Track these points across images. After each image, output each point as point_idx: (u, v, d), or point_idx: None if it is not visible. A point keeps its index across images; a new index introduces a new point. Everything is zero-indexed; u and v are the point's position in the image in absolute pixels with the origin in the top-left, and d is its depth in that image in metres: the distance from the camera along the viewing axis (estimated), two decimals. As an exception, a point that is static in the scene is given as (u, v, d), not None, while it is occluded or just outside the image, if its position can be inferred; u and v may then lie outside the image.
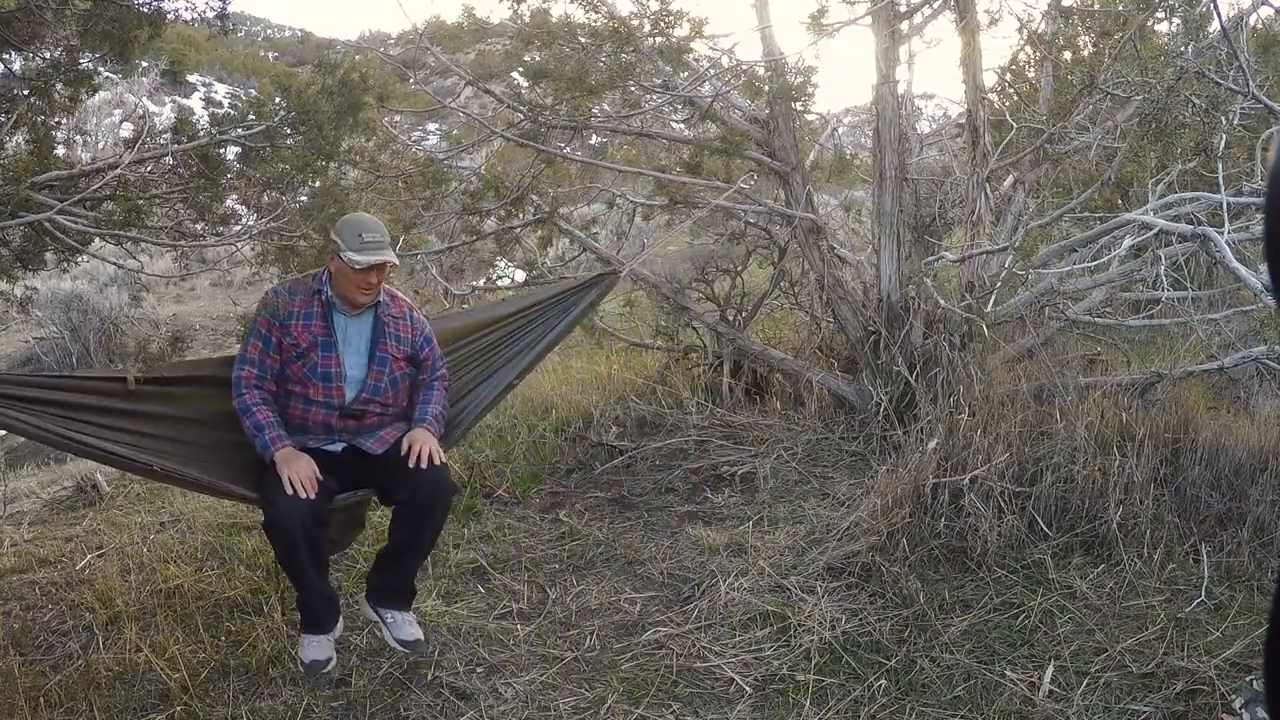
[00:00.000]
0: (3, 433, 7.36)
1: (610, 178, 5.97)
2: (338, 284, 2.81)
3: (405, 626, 2.80)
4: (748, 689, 2.71)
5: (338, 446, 2.84)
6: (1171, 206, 3.82)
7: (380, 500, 2.93)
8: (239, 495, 2.80)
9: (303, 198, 4.03)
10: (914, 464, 3.54)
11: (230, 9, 3.80)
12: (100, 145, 10.33)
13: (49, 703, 2.68)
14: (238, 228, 3.93)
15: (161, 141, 3.86)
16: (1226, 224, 3.59)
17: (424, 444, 2.73)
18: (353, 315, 2.85)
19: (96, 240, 4.00)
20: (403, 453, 2.73)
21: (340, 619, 2.86)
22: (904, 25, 4.55)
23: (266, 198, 3.93)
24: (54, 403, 2.50)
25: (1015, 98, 5.43)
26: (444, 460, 2.79)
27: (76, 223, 3.52)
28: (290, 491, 2.55)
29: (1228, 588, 3.14)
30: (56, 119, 3.80)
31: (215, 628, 3.07)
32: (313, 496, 2.57)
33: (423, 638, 2.82)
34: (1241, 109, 4.27)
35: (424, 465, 2.69)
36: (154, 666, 2.82)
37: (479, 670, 2.85)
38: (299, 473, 2.59)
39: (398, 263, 2.89)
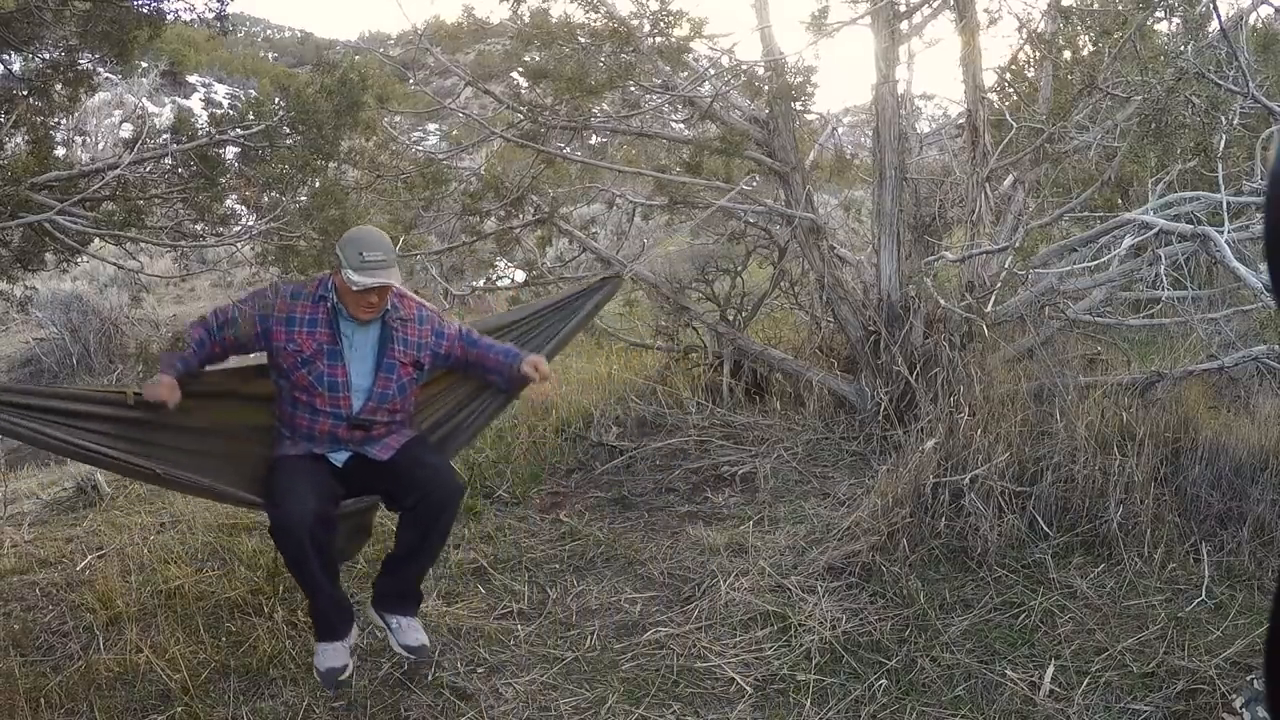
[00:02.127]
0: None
1: (610, 178, 5.97)
2: (342, 295, 2.72)
3: (411, 632, 2.78)
4: (748, 689, 2.71)
5: (344, 455, 2.80)
6: (1171, 206, 3.82)
7: (387, 506, 2.91)
8: (245, 501, 2.78)
9: (302, 198, 4.03)
10: (914, 463, 3.54)
11: (230, 9, 3.80)
12: (100, 146, 10.33)
13: (50, 704, 2.68)
14: (237, 228, 3.93)
15: (161, 142, 3.86)
16: (1226, 223, 3.59)
17: (538, 360, 2.92)
18: (360, 322, 2.76)
19: (96, 240, 4.00)
20: (523, 371, 2.89)
21: (355, 625, 2.81)
22: (904, 25, 4.55)
23: (266, 198, 3.92)
24: (56, 410, 2.49)
25: (1015, 97, 5.43)
26: (451, 462, 2.81)
27: (76, 223, 3.52)
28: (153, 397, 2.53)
29: (1228, 587, 3.14)
30: (56, 119, 3.81)
31: (216, 628, 3.07)
32: (167, 402, 2.53)
33: (428, 643, 2.80)
34: (1241, 109, 4.27)
35: (536, 376, 2.88)
36: (154, 667, 2.82)
37: (479, 670, 2.85)
38: (155, 392, 2.52)
39: (399, 284, 2.77)
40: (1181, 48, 4.04)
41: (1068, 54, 5.34)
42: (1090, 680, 2.66)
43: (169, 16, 3.79)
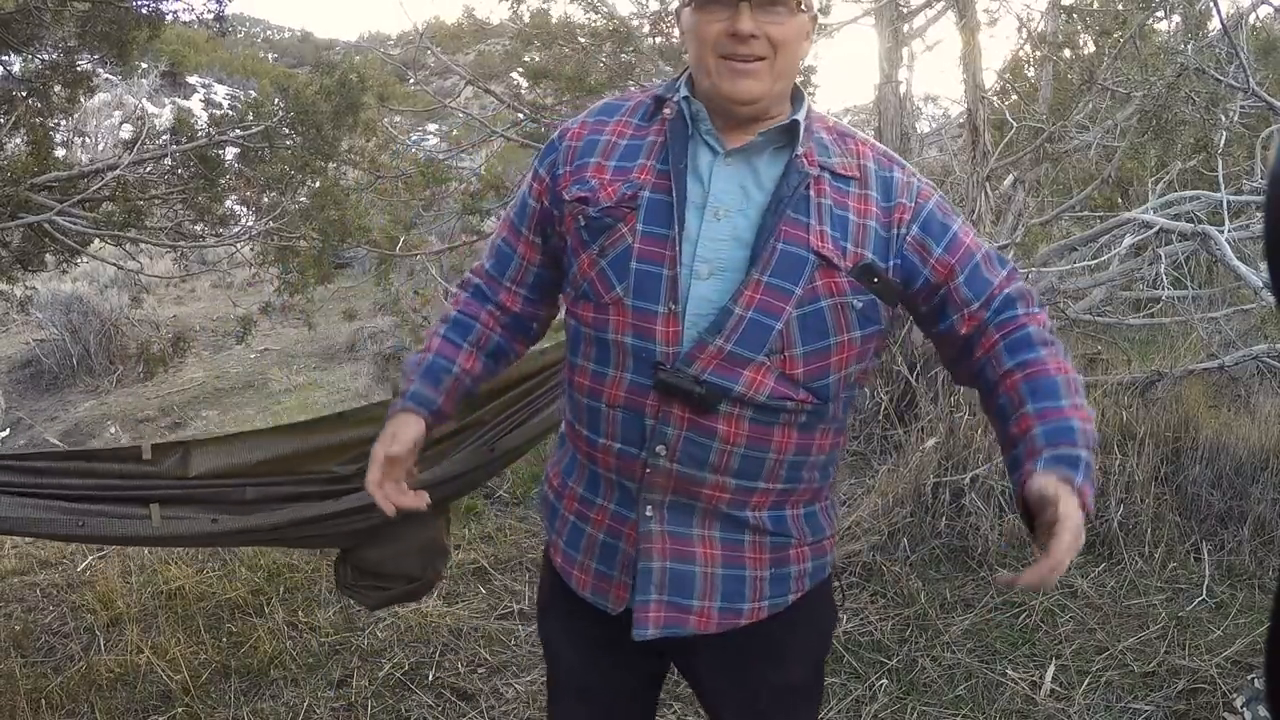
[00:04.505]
0: (5, 433, 7.36)
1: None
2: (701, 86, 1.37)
3: None
4: (749, 689, 2.71)
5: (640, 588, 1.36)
6: (1172, 205, 3.83)
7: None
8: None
9: (302, 198, 4.03)
10: (914, 463, 3.54)
11: (229, 9, 3.81)
12: (100, 147, 10.34)
13: (50, 705, 2.68)
14: (237, 228, 3.93)
15: (161, 142, 3.86)
16: (1227, 222, 3.59)
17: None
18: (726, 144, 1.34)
19: (96, 241, 4.00)
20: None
21: None
22: (906, 27, 4.55)
23: (266, 198, 3.93)
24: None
25: (1015, 97, 5.43)
26: None
27: (76, 224, 3.52)
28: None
29: (1229, 586, 3.14)
30: (56, 120, 3.81)
31: (216, 629, 3.07)
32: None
33: None
34: (1241, 107, 4.27)
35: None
36: (155, 668, 2.82)
37: (480, 671, 2.85)
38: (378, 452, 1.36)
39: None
40: (1182, 45, 4.04)
41: (1068, 53, 5.34)
42: (1091, 680, 2.66)
43: (168, 17, 3.79)
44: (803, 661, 1.48)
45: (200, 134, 3.76)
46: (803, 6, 1.24)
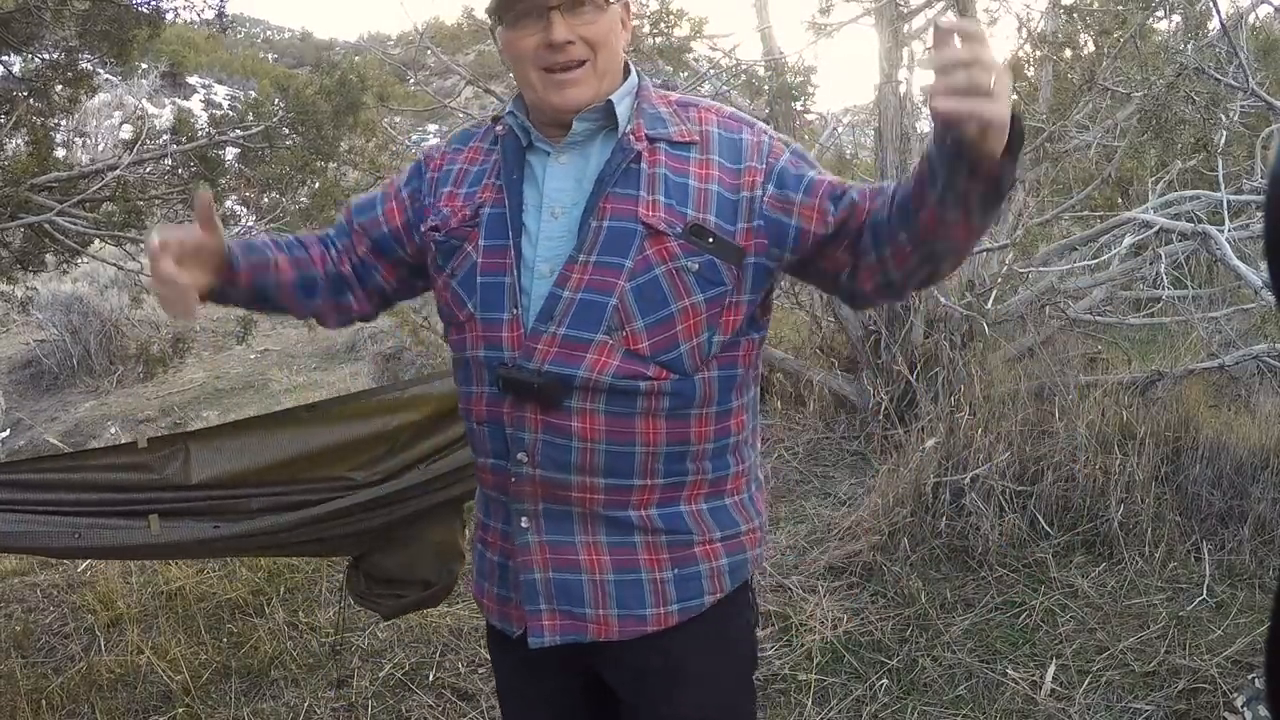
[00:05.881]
0: (5, 434, 7.36)
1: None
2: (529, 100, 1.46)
3: None
4: (749, 689, 2.71)
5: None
6: (1172, 204, 3.83)
7: None
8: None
9: (302, 199, 4.03)
10: (915, 463, 3.54)
11: (229, 9, 3.81)
12: (100, 147, 10.34)
13: (51, 705, 2.68)
14: (237, 229, 3.93)
15: (161, 142, 3.86)
16: (1227, 222, 3.59)
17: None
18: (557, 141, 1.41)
19: (96, 241, 4.00)
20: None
21: None
22: (906, 27, 4.55)
23: (266, 199, 3.93)
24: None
25: (1015, 96, 5.42)
26: None
27: (76, 224, 3.52)
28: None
29: (1229, 586, 3.14)
30: (56, 120, 3.81)
31: (217, 629, 3.07)
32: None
33: None
34: (1241, 106, 4.27)
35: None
36: (156, 668, 2.82)
37: (480, 671, 2.85)
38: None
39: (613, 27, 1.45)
40: (1181, 45, 4.04)
41: (1068, 52, 5.34)
42: (1091, 679, 2.66)
43: (168, 16, 3.79)
44: (721, 684, 1.36)
45: (200, 134, 3.76)
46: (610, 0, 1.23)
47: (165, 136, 3.87)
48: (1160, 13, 4.58)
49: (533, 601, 1.28)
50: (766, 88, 4.87)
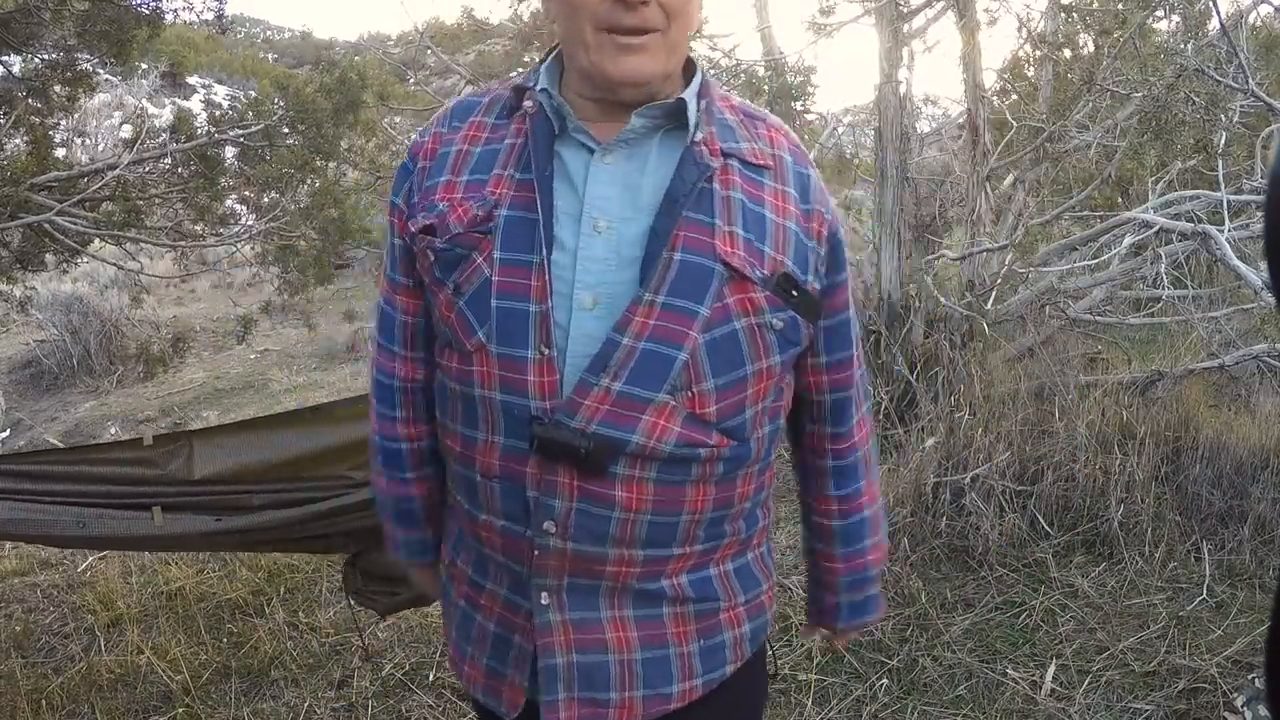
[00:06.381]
0: (5, 434, 7.36)
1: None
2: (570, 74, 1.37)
3: None
4: (749, 689, 2.71)
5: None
6: (1171, 204, 3.82)
7: None
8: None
9: (302, 198, 4.03)
10: (915, 463, 3.54)
11: (228, 9, 3.81)
12: (100, 147, 10.33)
13: (51, 705, 2.68)
14: (237, 228, 3.93)
15: (160, 142, 3.86)
16: (1227, 222, 3.59)
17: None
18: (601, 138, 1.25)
19: (96, 241, 4.00)
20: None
21: None
22: (906, 27, 4.56)
23: (266, 198, 3.93)
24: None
25: (1015, 96, 5.43)
26: None
27: (76, 224, 3.52)
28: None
29: (1229, 586, 3.14)
30: (55, 120, 3.81)
31: (217, 630, 3.07)
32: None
33: None
34: (1241, 106, 4.27)
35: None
36: (156, 668, 2.82)
37: (480, 671, 2.85)
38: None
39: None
40: (1181, 45, 4.04)
41: (1067, 53, 5.34)
42: (1092, 679, 2.66)
43: (168, 16, 3.79)
44: None
45: (200, 133, 3.77)
46: None
47: (165, 136, 3.88)
48: (1160, 13, 4.58)
49: (551, 691, 1.09)
50: (766, 88, 4.87)
